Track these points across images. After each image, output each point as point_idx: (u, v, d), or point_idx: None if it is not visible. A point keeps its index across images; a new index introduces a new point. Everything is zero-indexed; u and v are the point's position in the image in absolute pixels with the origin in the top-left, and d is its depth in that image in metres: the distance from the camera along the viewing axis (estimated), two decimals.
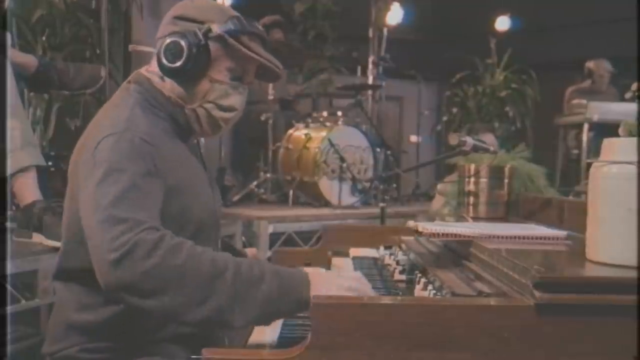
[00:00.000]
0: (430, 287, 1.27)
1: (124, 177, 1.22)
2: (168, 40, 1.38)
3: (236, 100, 1.45)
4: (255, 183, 4.35)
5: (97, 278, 1.16)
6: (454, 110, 7.33)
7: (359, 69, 6.15)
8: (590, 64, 6.06)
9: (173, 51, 1.36)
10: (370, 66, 5.70)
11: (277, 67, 1.47)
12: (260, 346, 1.28)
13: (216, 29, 1.39)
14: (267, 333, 1.33)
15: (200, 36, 1.38)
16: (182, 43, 1.36)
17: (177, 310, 1.13)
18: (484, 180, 2.07)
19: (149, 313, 1.18)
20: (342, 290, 1.17)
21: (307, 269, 1.24)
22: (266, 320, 1.20)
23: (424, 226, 1.50)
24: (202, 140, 4.49)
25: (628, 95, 1.75)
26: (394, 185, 5.06)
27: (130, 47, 3.72)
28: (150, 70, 1.45)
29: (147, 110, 1.39)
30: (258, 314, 1.14)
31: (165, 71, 1.40)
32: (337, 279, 1.21)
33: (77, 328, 1.36)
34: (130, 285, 1.12)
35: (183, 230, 1.31)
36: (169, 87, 1.43)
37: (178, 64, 1.37)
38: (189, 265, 1.13)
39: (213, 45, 1.40)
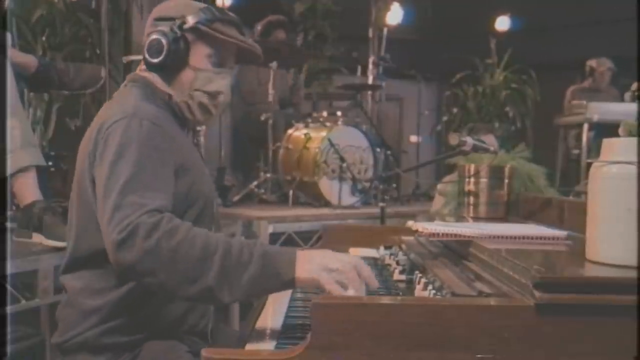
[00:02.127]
0: (430, 287, 1.27)
1: (132, 159, 1.32)
2: (149, 39, 1.52)
3: (221, 84, 1.57)
4: (255, 183, 4.35)
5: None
6: (454, 110, 7.33)
7: (359, 69, 6.15)
8: (591, 62, 6.06)
9: (155, 48, 1.50)
10: (370, 66, 5.70)
11: (255, 48, 1.60)
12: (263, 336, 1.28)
13: (189, 20, 1.52)
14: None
15: (176, 29, 1.51)
16: (162, 39, 1.50)
17: (171, 287, 1.23)
18: (484, 180, 2.07)
19: (151, 290, 1.29)
20: (325, 272, 1.23)
21: (300, 251, 1.27)
22: (254, 297, 1.33)
23: (424, 226, 1.50)
24: (202, 140, 4.51)
25: (628, 95, 1.75)
26: (394, 185, 5.05)
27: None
28: (143, 69, 1.58)
29: (149, 101, 1.50)
30: (245, 292, 1.24)
31: (151, 67, 1.53)
32: (323, 259, 1.26)
33: (90, 313, 1.42)
34: (131, 265, 1.22)
35: (193, 206, 1.45)
36: (160, 82, 1.55)
37: (160, 58, 1.50)
38: (182, 247, 1.21)
39: (189, 36, 1.53)
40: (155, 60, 1.50)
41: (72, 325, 1.44)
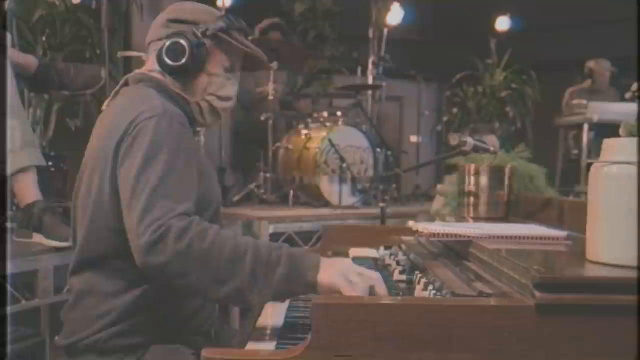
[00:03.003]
0: (430, 287, 1.27)
1: (163, 159, 1.31)
2: (169, 42, 1.51)
3: (231, 89, 1.61)
4: (255, 183, 4.35)
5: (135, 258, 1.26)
6: (454, 110, 7.32)
7: (359, 69, 6.14)
8: (590, 64, 6.07)
9: (175, 51, 1.50)
10: (370, 66, 5.69)
11: (263, 57, 1.64)
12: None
13: (211, 27, 1.54)
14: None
15: (200, 35, 1.52)
16: (184, 43, 1.50)
17: (201, 288, 1.25)
18: (484, 180, 2.07)
19: (179, 290, 1.31)
20: (345, 280, 1.25)
21: (324, 258, 1.30)
22: (279, 299, 1.32)
23: (424, 226, 1.50)
24: (202, 140, 4.51)
25: (628, 95, 1.75)
26: (394, 185, 5.05)
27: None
28: (153, 70, 1.56)
29: (169, 101, 1.49)
30: (272, 294, 1.26)
31: (169, 69, 1.52)
32: (345, 268, 1.28)
33: (99, 317, 1.41)
34: (162, 266, 1.23)
35: (207, 210, 1.46)
36: (173, 84, 1.55)
37: (181, 61, 1.50)
38: (214, 249, 1.23)
39: (208, 43, 1.54)
40: (175, 63, 1.50)
41: (79, 328, 1.43)
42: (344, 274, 1.26)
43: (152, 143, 1.32)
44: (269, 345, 1.23)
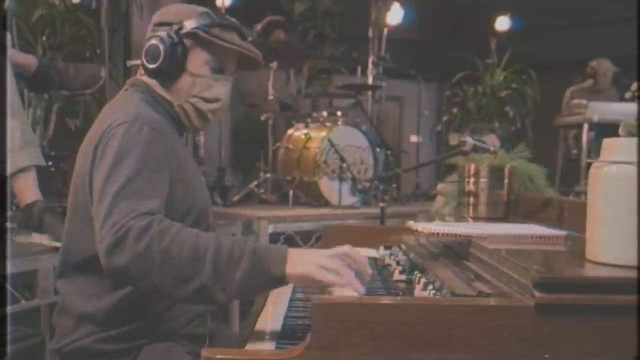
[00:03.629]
0: (430, 287, 1.27)
1: (130, 165, 1.30)
2: (147, 45, 1.50)
3: (219, 91, 1.55)
4: (255, 183, 4.35)
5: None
6: (454, 110, 7.33)
7: (359, 69, 6.15)
8: (593, 63, 6.06)
9: (152, 53, 1.49)
10: (370, 66, 5.70)
11: (256, 55, 1.58)
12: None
13: (187, 25, 1.50)
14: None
15: (173, 35, 1.49)
16: (159, 44, 1.48)
17: (165, 289, 1.22)
18: (484, 180, 2.07)
19: (143, 292, 1.30)
20: (317, 269, 1.22)
21: (292, 249, 1.26)
22: (247, 296, 1.30)
23: (424, 226, 1.50)
24: (202, 140, 4.50)
25: (628, 95, 1.75)
26: (394, 185, 5.05)
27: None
28: (143, 74, 1.57)
29: (150, 106, 1.49)
30: (238, 291, 1.22)
31: (149, 73, 1.52)
32: (314, 256, 1.25)
33: (86, 319, 1.41)
34: (123, 269, 1.21)
35: (188, 215, 1.44)
36: (158, 87, 1.54)
37: (157, 63, 1.48)
38: (173, 248, 1.20)
39: (187, 42, 1.51)
40: (153, 66, 1.49)
41: (67, 332, 1.43)
42: (313, 262, 1.23)
43: (120, 149, 1.32)
44: (269, 345, 1.23)
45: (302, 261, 1.23)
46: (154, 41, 1.49)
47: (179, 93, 1.53)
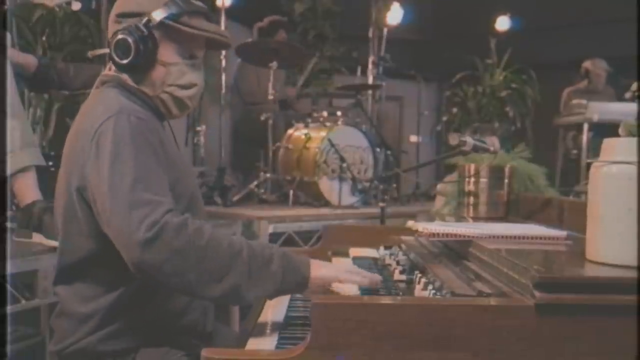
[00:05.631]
0: (430, 287, 1.27)
1: (131, 156, 1.29)
2: (115, 39, 1.46)
3: (194, 76, 1.52)
4: (255, 183, 4.35)
5: (125, 259, 1.24)
6: (454, 110, 7.33)
7: (359, 69, 6.14)
8: (586, 64, 6.06)
9: (122, 48, 1.45)
10: (370, 66, 5.70)
11: (226, 38, 1.55)
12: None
13: (155, 17, 1.46)
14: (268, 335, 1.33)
15: (142, 28, 1.45)
16: (128, 39, 1.44)
17: (198, 287, 1.24)
18: (484, 180, 2.07)
19: (173, 290, 1.32)
20: (340, 273, 1.33)
21: (312, 259, 1.36)
22: (272, 296, 1.34)
23: (424, 226, 1.50)
24: (202, 140, 4.49)
25: (628, 95, 1.75)
26: (394, 185, 5.05)
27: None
28: (113, 69, 1.52)
29: (128, 99, 1.46)
30: (267, 291, 1.28)
31: (120, 67, 1.48)
32: (334, 266, 1.41)
33: (83, 321, 1.40)
34: (158, 265, 1.21)
35: (179, 202, 1.39)
36: (130, 80, 1.51)
37: (129, 59, 1.45)
38: (211, 246, 1.23)
39: (157, 32, 1.47)
40: (124, 61, 1.46)
41: (67, 334, 1.42)
42: (334, 271, 1.34)
43: (114, 143, 1.30)
44: (269, 345, 1.23)
45: (323, 267, 1.33)
46: (122, 35, 1.45)
47: (154, 84, 1.50)
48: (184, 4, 1.49)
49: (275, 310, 1.48)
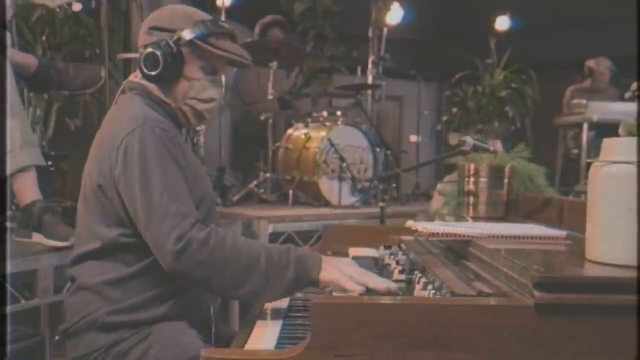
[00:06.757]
0: (430, 287, 1.27)
1: (158, 169, 1.41)
2: (146, 52, 1.57)
3: (214, 92, 1.64)
4: (255, 183, 4.34)
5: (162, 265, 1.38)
6: (454, 110, 7.32)
7: (359, 69, 6.14)
8: (590, 63, 6.05)
9: (151, 61, 1.56)
10: (370, 66, 5.69)
11: (247, 60, 1.67)
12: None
13: (186, 36, 1.57)
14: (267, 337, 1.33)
15: (172, 45, 1.56)
16: (158, 53, 1.55)
17: (222, 291, 1.44)
18: (484, 180, 2.07)
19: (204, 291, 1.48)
20: (341, 276, 1.36)
21: (325, 257, 1.42)
22: (287, 296, 1.45)
23: (424, 226, 1.50)
24: (202, 140, 4.49)
25: (628, 95, 1.75)
26: (394, 185, 5.05)
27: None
28: (140, 77, 1.63)
29: (152, 108, 1.56)
30: (282, 293, 1.40)
31: (147, 78, 1.59)
32: (344, 266, 1.40)
33: (98, 293, 1.48)
34: (188, 274, 1.37)
35: (200, 209, 1.50)
36: (157, 91, 1.61)
37: (157, 72, 1.56)
38: (232, 256, 1.37)
39: (185, 50, 1.58)
40: (152, 73, 1.56)
41: (80, 309, 1.49)
42: (342, 271, 1.38)
43: (141, 156, 1.42)
44: (269, 345, 1.23)
45: (333, 268, 1.38)
46: (152, 49, 1.55)
47: (177, 96, 1.61)
48: (213, 26, 1.60)
49: (275, 310, 1.48)
